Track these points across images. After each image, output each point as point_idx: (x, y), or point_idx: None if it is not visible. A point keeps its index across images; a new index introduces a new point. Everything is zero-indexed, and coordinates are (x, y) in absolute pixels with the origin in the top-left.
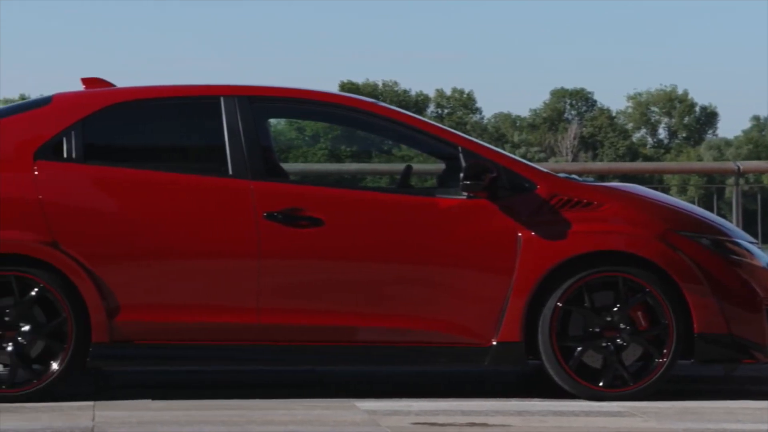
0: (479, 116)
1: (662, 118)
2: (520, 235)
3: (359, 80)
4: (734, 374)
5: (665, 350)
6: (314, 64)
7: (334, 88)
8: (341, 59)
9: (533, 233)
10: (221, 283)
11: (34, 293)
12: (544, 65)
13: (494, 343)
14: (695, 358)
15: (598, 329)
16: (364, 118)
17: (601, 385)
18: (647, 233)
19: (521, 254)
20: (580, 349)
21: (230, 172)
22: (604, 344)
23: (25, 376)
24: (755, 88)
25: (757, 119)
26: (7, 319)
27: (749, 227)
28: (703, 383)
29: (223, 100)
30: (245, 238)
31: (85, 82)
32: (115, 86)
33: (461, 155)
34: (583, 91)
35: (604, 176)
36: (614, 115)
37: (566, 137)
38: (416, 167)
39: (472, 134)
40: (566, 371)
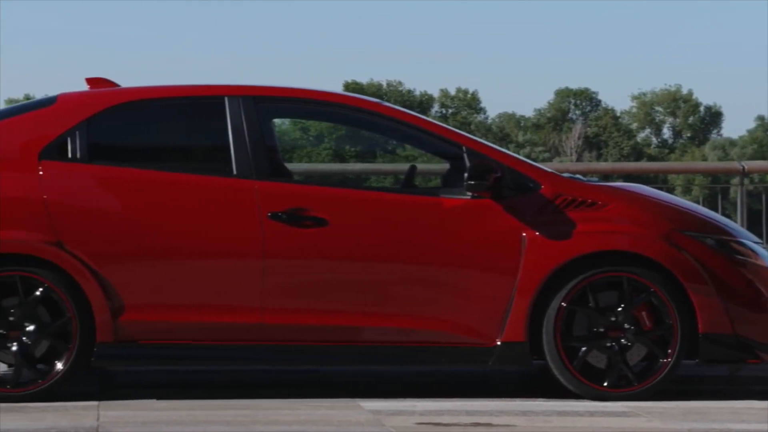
0: (483, 116)
1: (667, 117)
2: (524, 235)
3: (363, 80)
4: (739, 374)
5: (670, 350)
6: (318, 64)
7: (338, 88)
8: (345, 59)
9: (537, 233)
10: (226, 283)
11: (38, 293)
12: (548, 65)
13: (499, 343)
14: (700, 358)
15: (602, 329)
16: (368, 118)
17: (605, 385)
18: (652, 233)
19: (525, 254)
20: (584, 349)
21: (234, 172)
22: (608, 344)
23: (29, 375)
24: (760, 87)
25: (761, 119)
26: (11, 318)
27: (754, 227)
28: (707, 383)
29: (227, 100)
30: (249, 238)
31: (89, 82)
32: (119, 86)
33: (465, 155)
34: (587, 91)
35: (608, 176)
36: (619, 115)
37: (570, 137)
38: (420, 167)
39: (476, 134)
40: (571, 371)
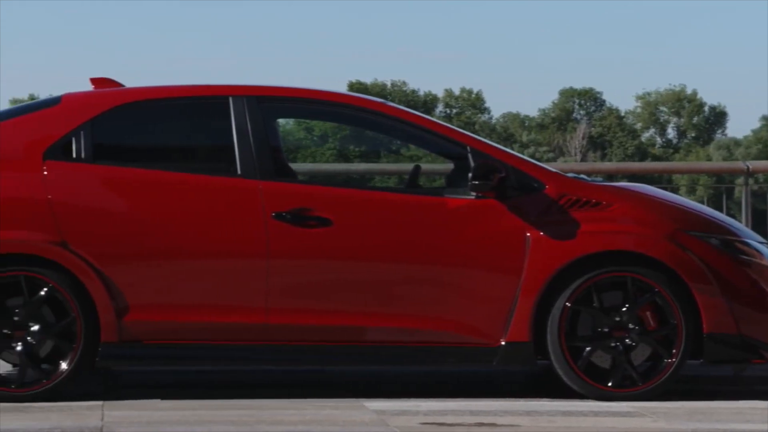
0: (488, 116)
1: (671, 117)
2: (528, 235)
3: (368, 80)
4: (743, 374)
5: (674, 350)
6: (323, 64)
7: (342, 88)
8: (350, 59)
9: (542, 233)
10: (230, 283)
11: (43, 293)
12: (552, 65)
13: (503, 343)
14: (704, 358)
15: (607, 329)
16: (372, 118)
17: (609, 385)
18: (656, 233)
19: (530, 254)
20: (588, 349)
21: (239, 172)
22: (613, 344)
23: (34, 375)
24: (765, 87)
25: (766, 119)
26: (16, 318)
27: (758, 227)
28: (712, 383)
29: (231, 100)
30: (254, 238)
31: (94, 82)
32: (123, 86)
33: (470, 155)
34: (591, 90)
35: (612, 176)
36: (623, 114)
37: (575, 137)
38: (425, 167)
39: (480, 134)
40: (575, 371)
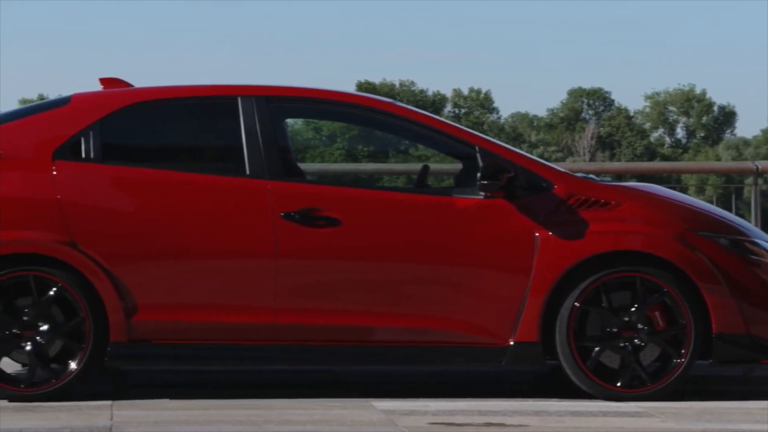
0: (496, 116)
1: (680, 117)
2: (537, 234)
3: (376, 80)
4: (753, 375)
5: (683, 350)
6: (331, 64)
7: (351, 88)
8: (358, 59)
9: (551, 233)
10: (238, 282)
11: (52, 293)
12: (561, 65)
13: (511, 343)
14: (713, 358)
15: (615, 329)
16: (381, 118)
17: (618, 385)
18: (665, 233)
19: (538, 254)
20: (597, 349)
21: (247, 172)
22: (621, 344)
23: (43, 375)
24: None
25: None
26: (25, 318)
27: None
28: (721, 384)
29: (240, 100)
30: (262, 238)
31: (103, 82)
32: (132, 86)
33: (478, 155)
34: (600, 90)
35: (621, 176)
36: (632, 114)
37: (584, 137)
38: (433, 167)
39: (489, 134)
40: (584, 371)
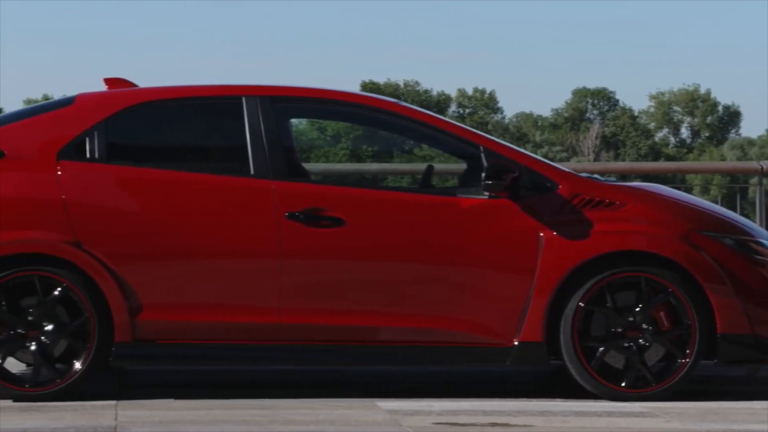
0: (501, 116)
1: (685, 117)
2: (541, 234)
3: (381, 80)
4: (758, 375)
5: (688, 351)
6: (335, 64)
7: (355, 88)
8: (363, 59)
9: (555, 233)
10: (243, 282)
11: (57, 293)
12: (565, 65)
13: (516, 343)
14: (718, 358)
15: (620, 329)
16: (385, 118)
17: (623, 385)
18: (670, 233)
19: (543, 254)
20: (602, 349)
21: (252, 172)
22: (626, 344)
23: (48, 375)
24: None
25: None
26: (30, 318)
27: None
28: (726, 384)
29: (244, 100)
30: (267, 238)
31: (107, 82)
32: (137, 86)
33: (483, 155)
34: (605, 90)
35: (626, 176)
36: (636, 114)
37: (588, 137)
38: (437, 167)
39: (493, 134)
40: (588, 371)
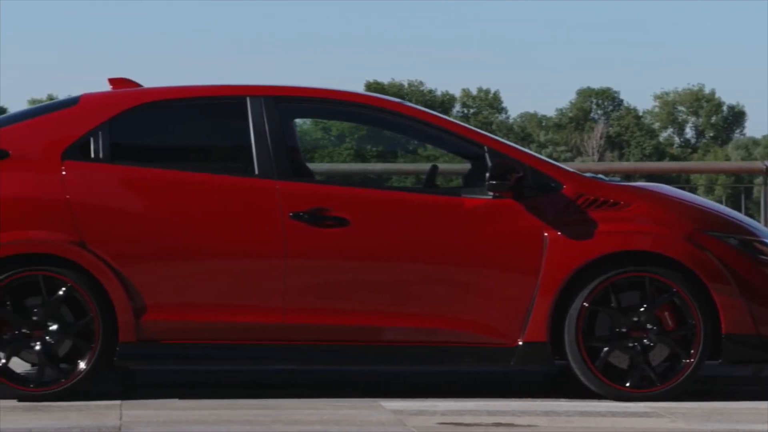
0: (505, 116)
1: (689, 117)
2: (546, 234)
3: (385, 80)
4: (762, 375)
5: (692, 351)
6: (340, 64)
7: (359, 88)
8: (367, 59)
9: (559, 233)
10: (247, 282)
11: (61, 293)
12: (570, 65)
13: (520, 343)
14: (723, 358)
15: (624, 329)
16: (390, 118)
17: (627, 385)
18: (674, 233)
19: (547, 254)
20: (606, 349)
21: (256, 172)
22: (630, 344)
23: (52, 375)
24: None
25: None
26: (35, 318)
27: None
28: (730, 384)
29: (249, 100)
30: (271, 238)
31: (112, 82)
32: (141, 86)
33: (487, 155)
34: (609, 90)
35: (630, 176)
36: (641, 114)
37: (592, 137)
38: (442, 167)
39: (497, 134)
40: (593, 371)
